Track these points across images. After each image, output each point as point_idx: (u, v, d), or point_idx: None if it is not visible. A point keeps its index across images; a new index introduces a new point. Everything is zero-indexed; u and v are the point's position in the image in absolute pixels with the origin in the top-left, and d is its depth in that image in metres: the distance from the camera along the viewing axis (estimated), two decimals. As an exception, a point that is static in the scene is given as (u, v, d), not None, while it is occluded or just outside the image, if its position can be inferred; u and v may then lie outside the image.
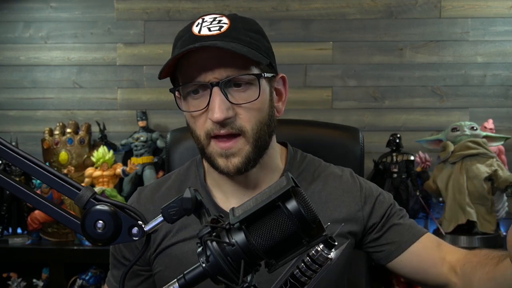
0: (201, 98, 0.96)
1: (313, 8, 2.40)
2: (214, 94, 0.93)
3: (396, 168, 2.14)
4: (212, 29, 0.95)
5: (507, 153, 2.26)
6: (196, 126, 0.98)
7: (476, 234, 2.02)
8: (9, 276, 2.23)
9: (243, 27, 0.97)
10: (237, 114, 0.95)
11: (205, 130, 0.96)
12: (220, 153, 0.97)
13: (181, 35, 0.99)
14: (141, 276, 1.11)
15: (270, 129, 1.01)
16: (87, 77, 2.46)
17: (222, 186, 1.06)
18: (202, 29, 0.95)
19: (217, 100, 0.93)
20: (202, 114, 0.96)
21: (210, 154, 0.98)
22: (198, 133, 0.98)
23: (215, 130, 0.95)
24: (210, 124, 0.95)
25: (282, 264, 0.66)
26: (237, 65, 0.94)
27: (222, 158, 0.97)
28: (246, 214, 0.64)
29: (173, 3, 2.43)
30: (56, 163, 2.25)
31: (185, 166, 1.15)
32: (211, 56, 0.93)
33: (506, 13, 2.37)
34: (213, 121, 0.94)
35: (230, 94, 0.94)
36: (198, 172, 1.11)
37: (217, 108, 0.92)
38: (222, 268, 0.64)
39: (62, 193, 0.70)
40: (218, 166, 0.98)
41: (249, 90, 0.96)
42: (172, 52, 0.99)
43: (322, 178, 1.11)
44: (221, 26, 0.95)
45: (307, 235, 0.65)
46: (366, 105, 2.40)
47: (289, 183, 0.64)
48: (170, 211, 0.68)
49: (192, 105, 0.97)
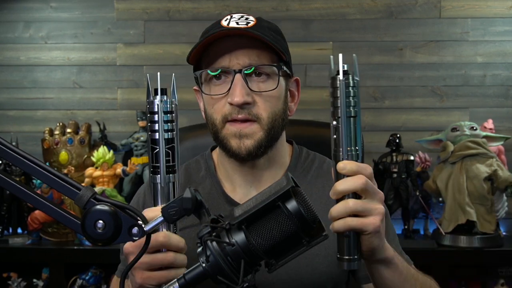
0: (223, 84, 1.01)
1: (313, 8, 2.40)
2: (236, 79, 0.99)
3: (396, 168, 2.13)
4: (240, 23, 1.01)
5: (507, 153, 2.26)
6: (214, 110, 1.03)
7: (476, 234, 2.02)
8: (9, 276, 2.23)
9: (267, 26, 1.04)
10: (255, 102, 1.00)
11: (223, 113, 1.01)
12: (235, 133, 1.01)
13: (209, 28, 1.06)
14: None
15: (283, 122, 1.06)
16: (87, 77, 2.46)
17: (232, 177, 1.10)
18: (230, 23, 1.02)
19: (238, 85, 0.98)
20: (222, 98, 1.01)
21: (224, 137, 1.02)
22: (215, 116, 1.03)
23: (233, 114, 1.00)
24: (228, 108, 1.00)
25: (282, 264, 0.66)
26: (260, 56, 1.01)
27: (235, 139, 1.01)
28: (246, 214, 0.64)
29: (173, 3, 2.43)
30: (56, 163, 2.25)
31: (194, 159, 1.19)
32: (237, 44, 0.99)
33: (506, 13, 2.37)
34: (233, 103, 0.99)
35: (250, 82, 1.00)
36: (207, 164, 1.15)
37: (238, 91, 0.98)
38: (222, 268, 0.64)
39: (62, 193, 0.70)
40: (230, 147, 1.02)
41: (268, 81, 1.02)
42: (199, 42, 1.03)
43: (328, 175, 1.12)
44: (248, 22, 1.02)
45: (307, 235, 0.65)
46: (366, 105, 2.40)
47: (289, 183, 0.64)
48: (170, 211, 0.68)
49: (213, 90, 1.03)
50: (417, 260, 2.14)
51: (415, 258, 2.09)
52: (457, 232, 2.03)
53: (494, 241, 2.02)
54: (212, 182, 1.11)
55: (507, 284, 2.16)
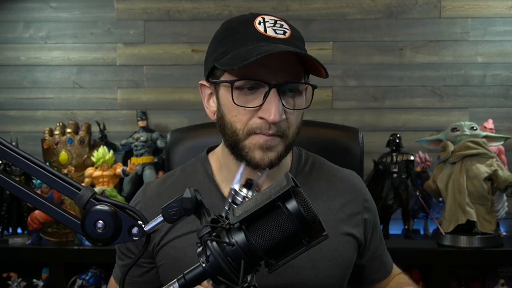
0: (254, 95, 0.97)
1: (313, 8, 2.41)
2: (272, 95, 0.95)
3: (396, 168, 2.13)
4: (277, 32, 0.98)
5: (507, 153, 2.26)
6: (238, 119, 0.98)
7: (476, 234, 2.02)
8: (9, 276, 2.23)
9: (298, 37, 1.02)
10: (285, 119, 0.98)
11: (250, 126, 0.97)
12: (261, 145, 0.98)
13: (236, 27, 1.00)
14: (143, 267, 1.12)
15: (299, 133, 1.05)
16: (87, 77, 2.46)
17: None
18: (267, 29, 0.97)
19: (275, 102, 0.94)
20: (252, 110, 0.97)
21: (245, 146, 0.99)
22: (238, 126, 0.98)
23: (263, 129, 0.97)
24: (258, 122, 0.97)
25: (282, 264, 0.66)
26: (295, 72, 0.98)
27: (260, 150, 0.98)
28: (246, 214, 0.64)
29: (173, 3, 2.43)
30: (56, 163, 2.25)
31: (190, 162, 1.16)
32: (275, 57, 0.93)
33: (506, 13, 2.37)
34: (269, 122, 0.95)
35: (283, 98, 0.97)
36: (204, 167, 1.12)
37: (274, 110, 0.94)
38: (222, 268, 0.64)
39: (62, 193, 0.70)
40: (253, 158, 0.99)
41: (298, 98, 1.00)
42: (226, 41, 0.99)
43: (328, 177, 1.13)
44: (284, 31, 0.99)
45: (307, 235, 0.65)
46: (366, 105, 2.40)
47: (289, 183, 0.64)
48: (170, 211, 0.68)
49: (243, 100, 0.97)
50: (417, 260, 2.16)
51: (415, 258, 2.10)
52: (457, 232, 2.03)
53: (494, 241, 2.02)
54: (210, 186, 1.09)
55: (507, 284, 2.16)
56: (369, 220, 1.14)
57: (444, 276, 2.01)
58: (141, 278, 1.12)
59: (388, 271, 1.22)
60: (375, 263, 1.19)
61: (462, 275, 2.21)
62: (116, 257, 1.16)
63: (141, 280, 1.12)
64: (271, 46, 0.93)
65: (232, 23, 1.02)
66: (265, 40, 0.95)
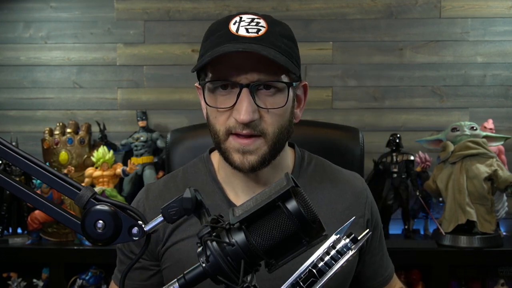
0: (228, 95, 0.97)
1: (313, 8, 2.41)
2: (243, 95, 0.94)
3: (396, 168, 2.13)
4: (250, 30, 0.96)
5: (507, 153, 2.26)
6: (217, 121, 0.99)
7: (476, 234, 2.02)
8: (9, 276, 2.23)
9: (279, 32, 0.98)
10: (261, 117, 0.96)
11: (226, 126, 0.97)
12: (238, 149, 0.98)
13: (215, 28, 1.00)
14: (150, 270, 1.11)
15: (289, 134, 1.03)
16: (87, 77, 2.46)
17: (233, 183, 1.08)
18: (239, 29, 0.96)
19: (245, 102, 0.94)
20: (226, 110, 0.97)
21: (226, 149, 0.99)
22: (218, 128, 0.99)
23: (237, 129, 0.96)
24: (233, 122, 0.96)
25: (282, 264, 0.66)
26: (270, 70, 0.96)
27: (238, 154, 0.98)
28: (246, 214, 0.64)
29: (173, 3, 2.43)
30: (56, 163, 2.25)
31: (192, 162, 1.16)
32: (247, 57, 0.93)
33: (506, 13, 2.37)
34: (239, 121, 0.95)
35: (257, 97, 0.96)
36: (207, 168, 1.12)
37: (244, 110, 0.93)
38: (222, 268, 0.64)
39: (62, 193, 0.70)
40: (233, 162, 0.99)
41: (277, 95, 0.97)
42: (205, 43, 0.99)
43: (331, 179, 1.13)
44: (258, 29, 0.96)
45: (307, 235, 0.65)
46: (366, 105, 2.40)
47: (289, 183, 0.64)
48: (170, 211, 0.68)
49: (219, 101, 0.98)
50: (417, 260, 2.16)
51: (415, 258, 2.10)
52: (457, 232, 2.03)
53: (494, 241, 2.02)
54: (214, 187, 1.09)
55: (507, 284, 2.16)
56: (370, 221, 1.13)
57: (444, 276, 2.01)
58: (149, 281, 1.11)
59: (386, 279, 1.20)
60: (374, 267, 1.17)
61: (462, 275, 2.21)
62: (117, 261, 1.15)
63: (148, 283, 1.11)
64: (235, 46, 0.92)
65: (213, 25, 1.02)
66: (234, 40, 0.95)
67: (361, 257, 1.13)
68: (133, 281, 1.10)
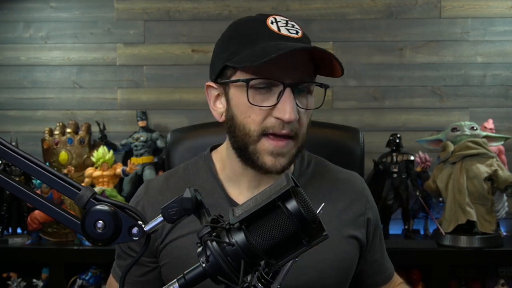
0: (268, 94, 0.95)
1: (313, 8, 2.41)
2: (287, 94, 0.94)
3: (396, 168, 2.13)
4: (290, 31, 0.97)
5: (507, 153, 2.26)
6: (251, 120, 0.97)
7: (476, 234, 2.02)
8: (9, 276, 2.23)
9: (307, 36, 1.01)
10: (299, 118, 0.97)
11: (263, 126, 0.96)
12: (271, 151, 0.97)
13: (249, 26, 0.99)
14: (147, 267, 1.11)
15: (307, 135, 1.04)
16: (87, 77, 2.46)
17: (238, 182, 1.07)
18: (280, 29, 0.97)
19: (290, 101, 0.94)
20: (264, 110, 0.95)
21: (256, 151, 0.98)
22: (252, 127, 0.97)
23: (276, 129, 0.96)
24: (272, 122, 0.95)
25: (282, 264, 0.66)
26: (307, 71, 0.98)
27: (271, 156, 0.98)
28: (246, 214, 0.64)
29: (173, 3, 2.43)
30: (56, 163, 2.25)
31: (192, 160, 1.15)
32: (289, 56, 0.92)
33: (506, 13, 2.37)
34: (284, 120, 0.94)
35: (296, 97, 0.96)
36: (208, 166, 1.11)
37: (290, 108, 0.93)
38: (222, 268, 0.64)
39: (62, 193, 0.70)
40: (263, 164, 0.98)
41: (309, 97, 1.00)
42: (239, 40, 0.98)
43: (331, 179, 1.13)
44: (297, 30, 0.98)
45: (307, 235, 0.65)
46: (366, 105, 2.40)
47: (289, 183, 0.64)
48: (170, 211, 0.68)
49: (256, 100, 0.95)
50: (417, 260, 2.16)
51: (415, 258, 2.10)
52: (457, 232, 2.03)
53: (494, 241, 2.02)
54: (214, 185, 1.08)
55: (507, 284, 2.16)
56: (371, 221, 1.14)
57: (444, 276, 2.01)
58: (144, 277, 1.11)
59: (388, 276, 1.21)
60: (375, 266, 1.18)
61: (462, 275, 2.21)
62: (115, 256, 1.15)
63: (143, 279, 1.11)
64: (288, 45, 0.92)
65: (242, 23, 1.01)
66: (280, 38, 0.95)
67: (362, 256, 1.13)
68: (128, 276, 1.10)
